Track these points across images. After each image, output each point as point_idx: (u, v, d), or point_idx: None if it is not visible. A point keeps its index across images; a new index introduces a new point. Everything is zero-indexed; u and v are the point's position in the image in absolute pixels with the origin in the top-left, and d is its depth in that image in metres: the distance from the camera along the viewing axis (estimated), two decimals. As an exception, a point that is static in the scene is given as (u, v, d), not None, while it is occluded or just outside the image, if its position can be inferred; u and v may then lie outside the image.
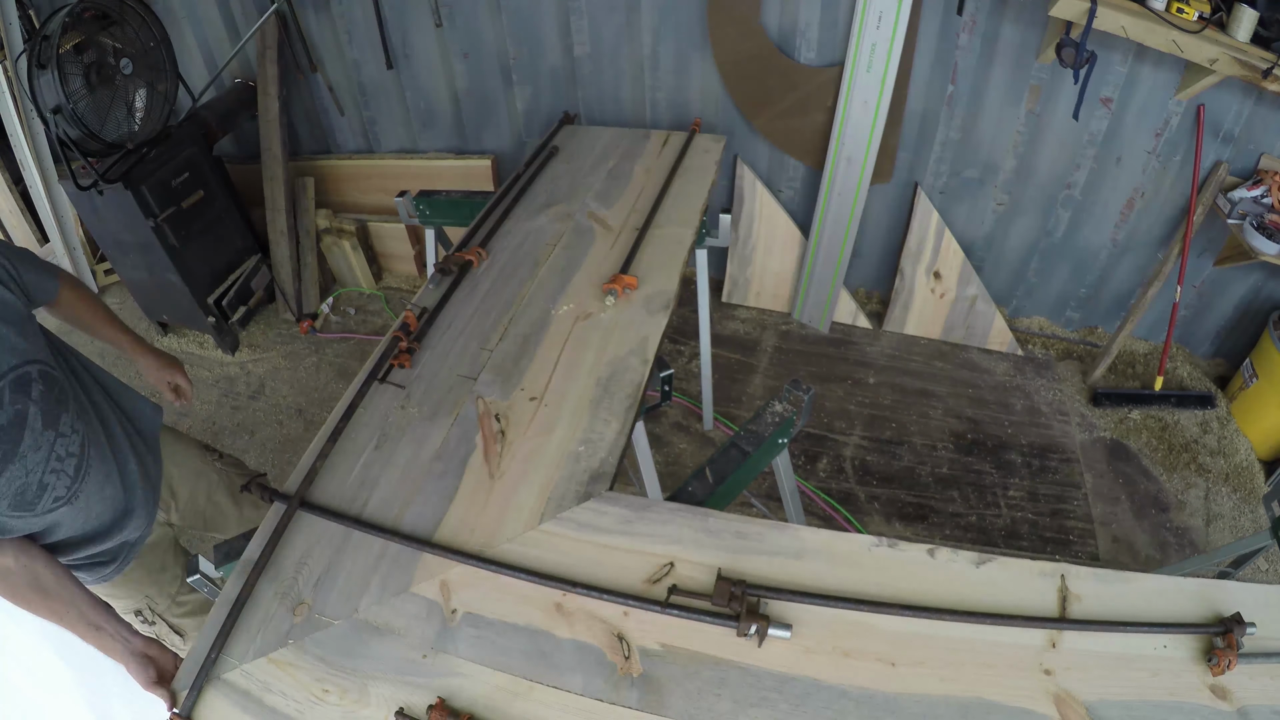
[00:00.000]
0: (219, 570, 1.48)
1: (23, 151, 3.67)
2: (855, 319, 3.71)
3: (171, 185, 3.27)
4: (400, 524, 1.37)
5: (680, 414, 3.35)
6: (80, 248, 4.01)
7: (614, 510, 1.35)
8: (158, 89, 3.14)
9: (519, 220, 2.23)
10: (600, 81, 3.40)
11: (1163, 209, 3.07)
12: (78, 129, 2.82)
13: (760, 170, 3.47)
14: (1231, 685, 1.09)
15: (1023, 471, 3.06)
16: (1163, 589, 1.19)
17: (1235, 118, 2.77)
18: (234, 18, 3.61)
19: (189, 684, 1.16)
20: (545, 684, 1.14)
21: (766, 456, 1.69)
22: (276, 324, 3.94)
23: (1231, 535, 2.84)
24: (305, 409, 3.48)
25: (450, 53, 3.47)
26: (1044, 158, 3.08)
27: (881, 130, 3.04)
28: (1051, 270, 3.42)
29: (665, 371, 1.90)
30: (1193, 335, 3.42)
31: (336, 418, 1.57)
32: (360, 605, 1.25)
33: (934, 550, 1.24)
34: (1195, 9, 2.44)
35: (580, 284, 1.92)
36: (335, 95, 3.76)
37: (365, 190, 3.99)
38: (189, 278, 3.45)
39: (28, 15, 3.46)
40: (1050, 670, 1.11)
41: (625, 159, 2.52)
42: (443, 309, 1.87)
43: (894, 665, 1.12)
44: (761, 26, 3.03)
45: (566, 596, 1.23)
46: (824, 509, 2.96)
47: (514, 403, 1.59)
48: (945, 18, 2.85)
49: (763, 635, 1.14)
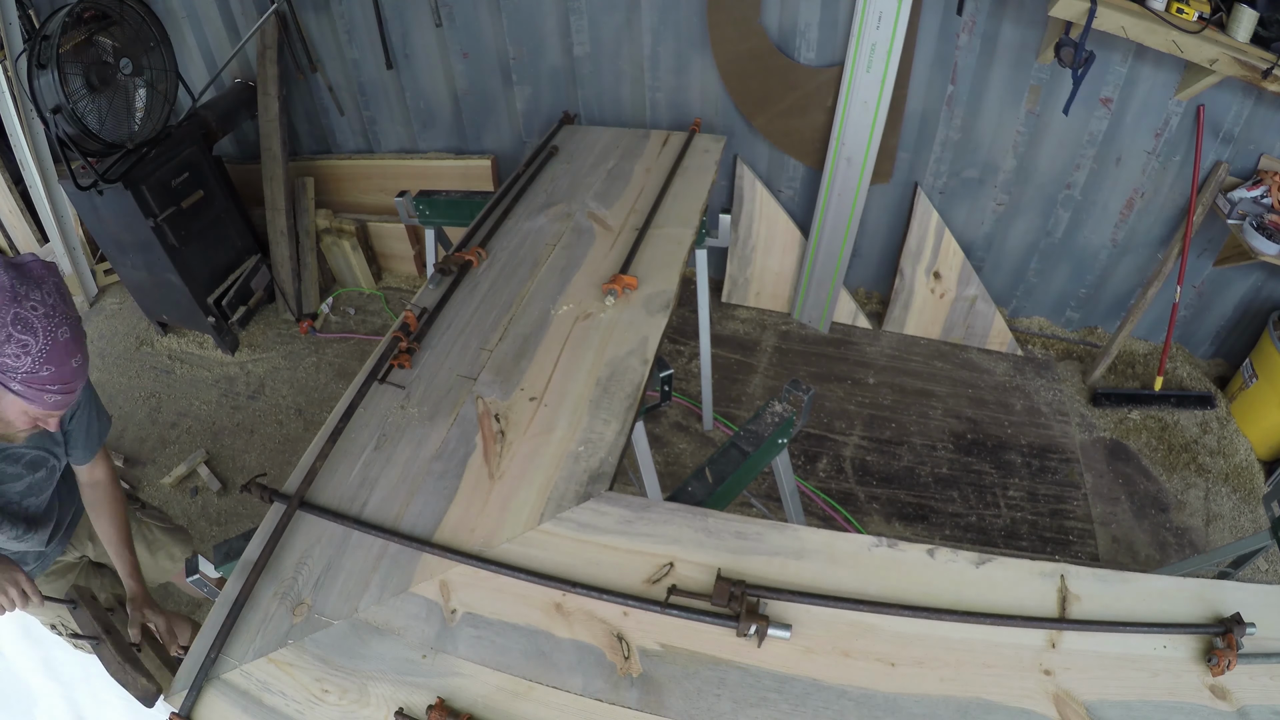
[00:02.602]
0: (218, 570, 1.48)
1: (23, 151, 3.67)
2: (855, 319, 3.71)
3: (171, 185, 3.27)
4: (400, 524, 1.37)
5: (680, 414, 3.35)
6: (80, 248, 4.01)
7: (614, 510, 1.35)
8: (158, 89, 3.14)
9: (519, 220, 2.23)
10: (600, 81, 3.40)
11: (1163, 209, 3.07)
12: (78, 129, 2.82)
13: (760, 170, 3.47)
14: (1231, 685, 1.09)
15: (1022, 471, 3.06)
16: (1162, 589, 1.19)
17: (1235, 118, 2.77)
18: (234, 18, 3.61)
19: (189, 684, 1.16)
20: (545, 684, 1.14)
21: (766, 456, 1.69)
22: (276, 324, 3.94)
23: (1231, 535, 2.84)
24: (305, 409, 3.48)
25: (450, 52, 3.47)
26: (1044, 158, 3.09)
27: (881, 130, 3.04)
28: (1051, 270, 3.42)
29: (665, 371, 1.90)
30: (1193, 335, 3.42)
31: (336, 418, 1.57)
32: (360, 605, 1.25)
33: (934, 550, 1.24)
34: (1195, 9, 2.44)
35: (580, 284, 1.92)
36: (335, 95, 3.76)
37: (365, 190, 3.99)
38: (189, 278, 3.45)
39: (28, 15, 3.46)
40: (1050, 670, 1.11)
41: (625, 159, 2.52)
42: (443, 309, 1.87)
43: (894, 665, 1.12)
44: (761, 26, 3.03)
45: (566, 596, 1.23)
46: (824, 509, 2.96)
47: (514, 403, 1.59)
48: (945, 18, 2.85)
49: (762, 635, 1.14)
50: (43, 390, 1.35)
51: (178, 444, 3.35)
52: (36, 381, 1.33)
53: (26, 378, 1.32)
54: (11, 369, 1.31)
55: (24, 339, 1.29)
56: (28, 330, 1.29)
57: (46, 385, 1.35)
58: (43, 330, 1.31)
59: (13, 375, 1.32)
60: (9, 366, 1.30)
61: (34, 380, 1.33)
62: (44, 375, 1.34)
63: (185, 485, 3.18)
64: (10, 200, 3.99)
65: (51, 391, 1.36)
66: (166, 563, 2.19)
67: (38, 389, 1.34)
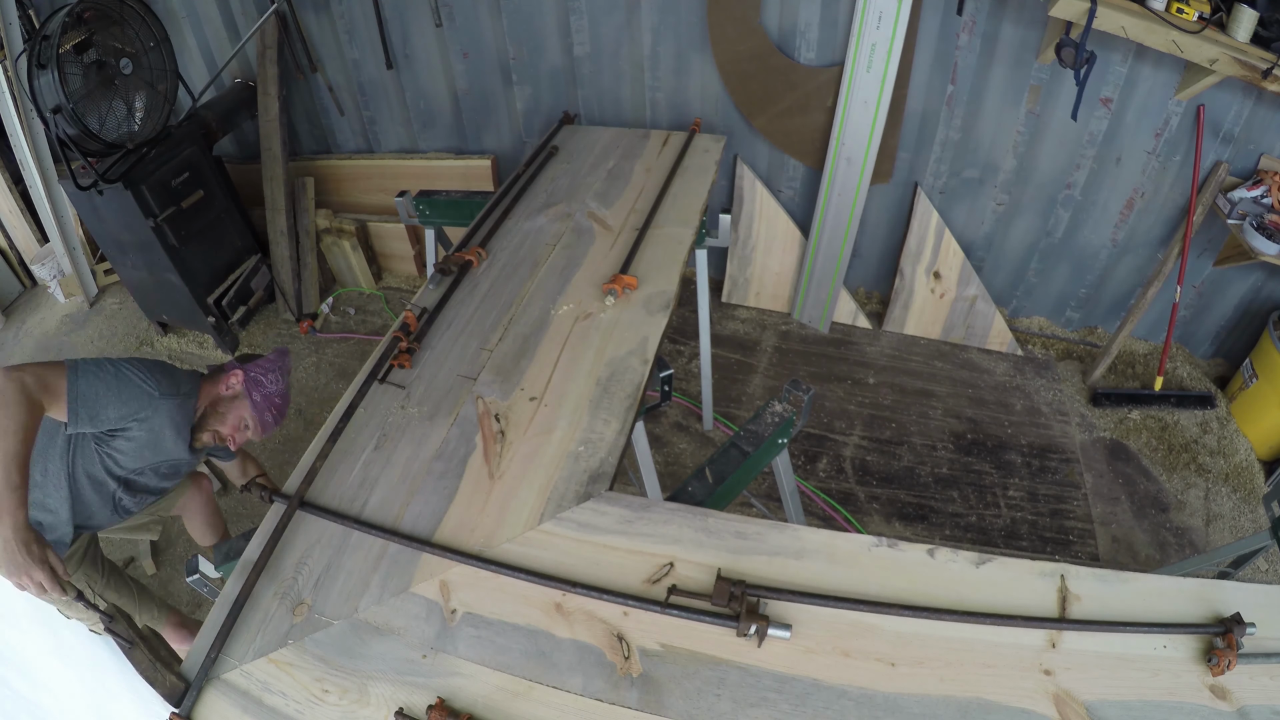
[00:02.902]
0: (218, 570, 1.48)
1: (23, 151, 3.67)
2: (855, 319, 3.71)
3: (171, 185, 3.27)
4: (400, 524, 1.37)
5: (680, 414, 3.35)
6: (80, 248, 4.01)
7: (614, 510, 1.35)
8: (158, 89, 3.14)
9: (519, 220, 2.23)
10: (600, 81, 3.40)
11: (1163, 209, 3.07)
12: (78, 129, 2.82)
13: (760, 170, 3.47)
14: (1231, 685, 1.09)
15: (1022, 472, 3.06)
16: (1162, 589, 1.19)
17: (1235, 118, 2.77)
18: (234, 18, 3.61)
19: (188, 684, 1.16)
20: (545, 684, 1.14)
21: (766, 456, 1.69)
22: (276, 324, 3.94)
23: (1231, 535, 2.84)
24: (305, 409, 3.48)
25: (450, 53, 3.47)
26: (1044, 158, 3.08)
27: (881, 130, 3.04)
28: (1051, 270, 3.42)
29: (665, 371, 1.90)
30: (1193, 335, 3.42)
31: (336, 418, 1.57)
32: (360, 605, 1.25)
33: (934, 550, 1.24)
34: (1195, 9, 2.44)
35: (580, 284, 1.92)
36: (335, 95, 3.76)
37: (365, 190, 3.99)
38: (189, 277, 3.45)
39: (28, 15, 3.46)
40: (1050, 670, 1.11)
41: (625, 159, 2.52)
42: (443, 309, 1.87)
43: (894, 665, 1.12)
44: (761, 26, 3.03)
45: (566, 596, 1.23)
46: (824, 509, 2.96)
47: (514, 403, 1.59)
48: (945, 18, 2.85)
49: (762, 635, 1.14)
50: (267, 409, 1.91)
51: (178, 444, 3.35)
52: (269, 403, 1.91)
53: (267, 397, 1.91)
54: (264, 386, 1.91)
55: (279, 378, 1.95)
56: (284, 374, 1.96)
57: (270, 408, 1.92)
58: (286, 382, 1.97)
59: (261, 390, 1.90)
60: (263, 385, 1.91)
61: (269, 400, 1.91)
62: (276, 402, 1.93)
63: (185, 485, 3.18)
64: (10, 200, 3.99)
65: (270, 414, 1.92)
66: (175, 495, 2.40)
67: (266, 406, 1.91)
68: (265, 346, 3.81)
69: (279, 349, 2.03)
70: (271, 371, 1.93)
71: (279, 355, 1.98)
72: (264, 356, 1.97)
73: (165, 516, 2.36)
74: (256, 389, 1.89)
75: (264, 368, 1.93)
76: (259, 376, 1.91)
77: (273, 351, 2.00)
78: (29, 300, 4.24)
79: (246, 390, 1.89)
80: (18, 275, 4.26)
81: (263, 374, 1.92)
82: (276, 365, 1.95)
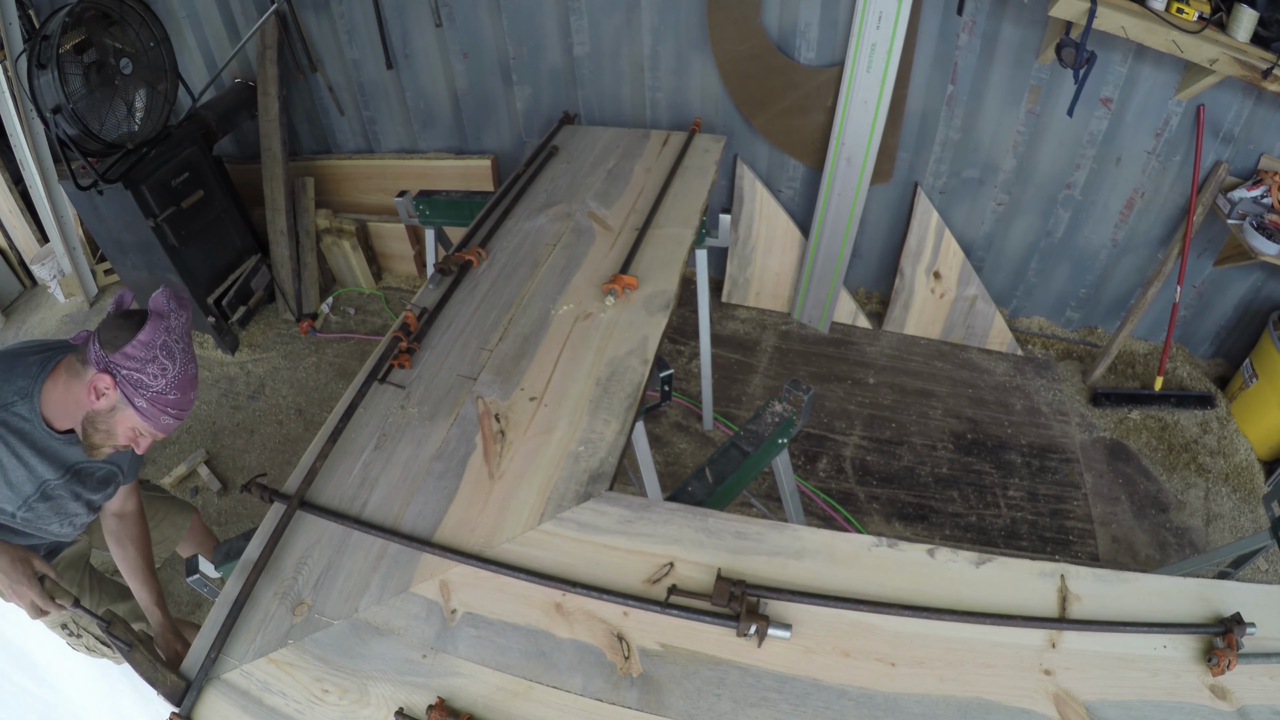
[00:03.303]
0: (218, 570, 1.48)
1: (23, 151, 3.67)
2: (855, 319, 3.71)
3: (171, 185, 3.27)
4: (400, 524, 1.37)
5: (680, 414, 3.35)
6: (80, 248, 4.01)
7: (614, 510, 1.35)
8: (158, 89, 3.14)
9: (519, 220, 2.23)
10: (600, 81, 3.40)
11: (1163, 209, 3.07)
12: (78, 129, 2.82)
13: (760, 170, 3.47)
14: (1231, 685, 1.09)
15: (1022, 471, 3.06)
16: (1162, 589, 1.19)
17: (1235, 118, 2.77)
18: (234, 18, 3.61)
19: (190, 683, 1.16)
20: (545, 684, 1.14)
21: (766, 456, 1.69)
22: (276, 324, 3.94)
23: (1231, 535, 2.84)
24: (305, 409, 3.48)
25: (450, 53, 3.47)
26: (1044, 158, 3.08)
27: (881, 130, 3.04)
28: (1051, 270, 3.42)
29: (665, 371, 1.90)
30: (1193, 335, 3.42)
31: (336, 418, 1.57)
32: (360, 605, 1.25)
33: (934, 550, 1.24)
34: (1195, 9, 2.44)
35: (580, 284, 1.92)
36: (335, 95, 3.76)
37: (365, 190, 3.99)
38: (189, 277, 3.45)
39: (28, 15, 3.46)
40: (1050, 670, 1.11)
41: (625, 159, 2.52)
42: (443, 309, 1.87)
43: (894, 665, 1.12)
44: (761, 26, 3.03)
45: (566, 596, 1.23)
46: (824, 509, 2.96)
47: (514, 403, 1.59)
48: (945, 18, 2.85)
49: (762, 635, 1.14)
50: (162, 412, 1.47)
51: (177, 444, 3.35)
52: (161, 403, 1.46)
53: (155, 397, 1.45)
54: (145, 386, 1.43)
55: (165, 364, 1.44)
56: (169, 356, 1.44)
57: (167, 409, 1.47)
58: (180, 360, 1.47)
59: (143, 393, 1.44)
60: (144, 384, 1.43)
61: (159, 401, 1.46)
62: (170, 399, 1.47)
63: (185, 485, 3.18)
64: (10, 200, 3.99)
65: (169, 415, 1.49)
66: (170, 530, 2.20)
67: (159, 410, 1.46)
68: (265, 346, 3.81)
69: (152, 300, 1.47)
70: (151, 361, 1.42)
71: (152, 326, 1.43)
72: (133, 334, 1.42)
73: (170, 552, 2.24)
74: (138, 393, 1.43)
75: (139, 358, 1.42)
76: (135, 374, 1.42)
77: (137, 314, 1.46)
78: (29, 300, 4.25)
79: (125, 398, 1.43)
80: (18, 275, 4.26)
81: (139, 369, 1.42)
82: (156, 343, 1.42)
